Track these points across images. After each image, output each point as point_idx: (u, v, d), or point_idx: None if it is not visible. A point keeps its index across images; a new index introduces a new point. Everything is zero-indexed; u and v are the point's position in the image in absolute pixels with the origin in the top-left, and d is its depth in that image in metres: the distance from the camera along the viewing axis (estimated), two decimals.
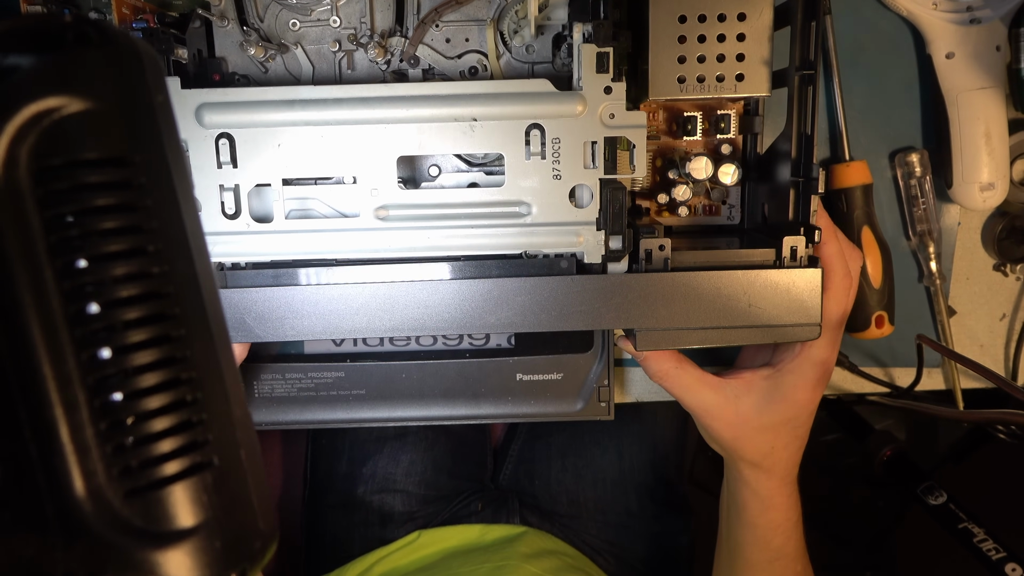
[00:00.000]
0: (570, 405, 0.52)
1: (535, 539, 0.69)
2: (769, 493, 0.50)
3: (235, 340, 0.45)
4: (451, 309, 0.43)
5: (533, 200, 0.42)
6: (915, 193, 0.54)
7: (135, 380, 0.18)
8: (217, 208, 0.42)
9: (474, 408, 0.52)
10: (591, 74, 0.41)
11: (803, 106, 0.42)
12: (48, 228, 0.17)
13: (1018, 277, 0.56)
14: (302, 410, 0.52)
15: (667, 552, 0.75)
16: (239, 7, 0.46)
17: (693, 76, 0.43)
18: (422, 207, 0.43)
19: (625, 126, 0.41)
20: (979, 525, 0.69)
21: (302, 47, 0.47)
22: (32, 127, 0.17)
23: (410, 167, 0.48)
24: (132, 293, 0.18)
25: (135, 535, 0.18)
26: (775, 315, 0.43)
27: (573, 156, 0.42)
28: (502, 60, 0.47)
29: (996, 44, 0.50)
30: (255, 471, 0.20)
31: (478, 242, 0.43)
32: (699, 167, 0.46)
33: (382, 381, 0.52)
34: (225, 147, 0.41)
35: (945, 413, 0.54)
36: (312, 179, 0.44)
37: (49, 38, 0.17)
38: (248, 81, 0.47)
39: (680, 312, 0.43)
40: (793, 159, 0.43)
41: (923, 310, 0.56)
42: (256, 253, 0.43)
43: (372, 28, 0.47)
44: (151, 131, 0.19)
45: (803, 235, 0.43)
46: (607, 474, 0.74)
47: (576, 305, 0.43)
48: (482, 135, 0.42)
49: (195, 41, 0.46)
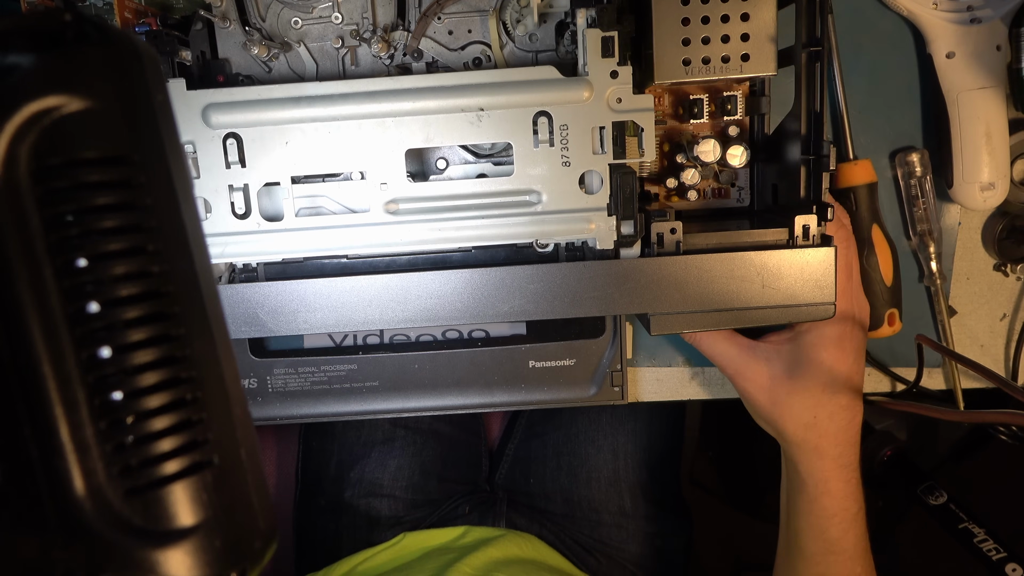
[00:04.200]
0: (583, 390, 0.52)
1: (510, 542, 0.69)
2: (823, 476, 0.48)
3: (249, 335, 0.45)
4: (464, 299, 0.43)
5: (543, 188, 0.42)
6: (915, 193, 0.54)
7: (135, 379, 0.18)
8: (227, 208, 0.42)
9: (487, 396, 0.52)
10: (596, 59, 0.40)
11: (811, 83, 0.42)
12: (48, 227, 0.17)
13: (1018, 277, 0.56)
14: (316, 403, 0.52)
15: (660, 552, 0.75)
16: (240, 7, 0.46)
17: (698, 58, 0.42)
18: (432, 199, 0.43)
19: (633, 110, 0.41)
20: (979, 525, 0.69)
21: (305, 45, 0.47)
22: (32, 126, 0.17)
23: (418, 161, 0.48)
24: (132, 292, 0.18)
25: (135, 534, 0.18)
26: (789, 295, 0.43)
27: (581, 142, 0.41)
28: (505, 50, 0.47)
29: (996, 44, 0.50)
30: (255, 470, 0.20)
31: (489, 232, 0.43)
32: (707, 150, 0.46)
33: (395, 372, 0.52)
34: (233, 147, 0.41)
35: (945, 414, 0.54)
36: (321, 176, 0.44)
37: (49, 37, 0.17)
38: (252, 81, 0.47)
39: (694, 295, 0.43)
40: (803, 136, 0.42)
41: (923, 310, 0.56)
42: (268, 252, 0.43)
43: (374, 23, 0.47)
44: (151, 130, 0.19)
45: (815, 213, 0.42)
46: (602, 473, 0.74)
47: (589, 291, 0.43)
48: (489, 125, 0.42)
49: (198, 43, 0.46)
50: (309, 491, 0.77)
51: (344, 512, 0.74)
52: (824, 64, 0.42)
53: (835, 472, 0.48)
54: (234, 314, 0.43)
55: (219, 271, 0.46)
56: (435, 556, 0.67)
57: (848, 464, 0.48)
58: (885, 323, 0.53)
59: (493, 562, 0.64)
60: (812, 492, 0.49)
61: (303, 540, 0.77)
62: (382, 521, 0.73)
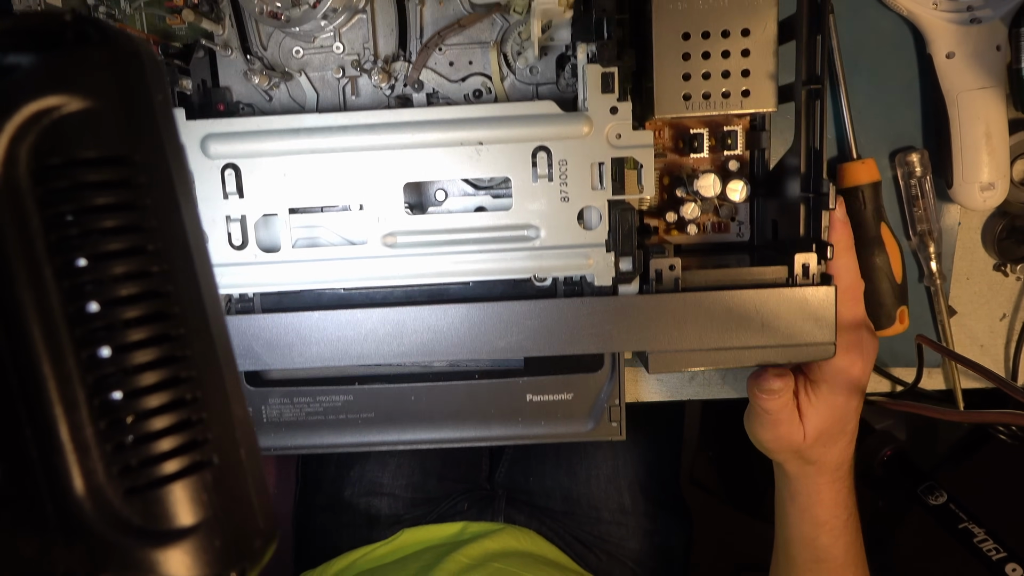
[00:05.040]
0: (581, 425, 0.52)
1: (509, 535, 0.69)
2: (816, 487, 0.48)
3: (244, 368, 0.44)
4: (461, 334, 0.43)
5: (541, 223, 0.42)
6: (915, 193, 0.54)
7: (135, 379, 0.18)
8: (224, 239, 0.42)
9: (484, 430, 0.51)
10: (596, 94, 0.40)
11: (811, 121, 0.42)
12: (48, 227, 0.17)
13: (1018, 277, 0.56)
14: (310, 434, 0.51)
15: (660, 550, 0.75)
16: (242, 36, 0.46)
17: (698, 93, 0.42)
18: (430, 233, 0.43)
19: (632, 146, 0.41)
20: (979, 525, 0.69)
21: (306, 74, 0.47)
22: (32, 126, 0.17)
23: (416, 192, 0.48)
24: (132, 292, 0.18)
25: (135, 534, 0.18)
26: (789, 334, 0.43)
27: (581, 177, 0.41)
28: (506, 82, 0.47)
29: (996, 44, 0.50)
30: (255, 470, 0.20)
31: (487, 267, 0.43)
32: (707, 184, 0.46)
33: (391, 404, 0.51)
34: (231, 177, 0.41)
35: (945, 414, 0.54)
36: (318, 207, 0.44)
37: (49, 37, 0.17)
38: (253, 110, 0.47)
39: (693, 333, 0.43)
40: (802, 175, 0.42)
41: (923, 310, 0.56)
42: (264, 283, 0.43)
43: (376, 53, 0.47)
44: (151, 130, 0.19)
45: (815, 252, 0.42)
46: (601, 471, 0.75)
47: (587, 328, 0.43)
48: (488, 159, 0.42)
49: (199, 71, 0.46)
50: (309, 489, 0.78)
51: (344, 510, 0.74)
52: (824, 102, 0.42)
53: (829, 484, 0.48)
54: None
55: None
56: (433, 549, 0.67)
57: (841, 477, 0.48)
58: (897, 320, 0.53)
59: (490, 553, 0.64)
60: (804, 502, 0.49)
61: (302, 538, 0.77)
62: (382, 519, 0.73)
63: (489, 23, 0.46)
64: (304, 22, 0.42)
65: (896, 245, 0.53)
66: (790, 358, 0.43)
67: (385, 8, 0.46)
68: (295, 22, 0.42)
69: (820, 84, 0.41)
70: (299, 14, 0.42)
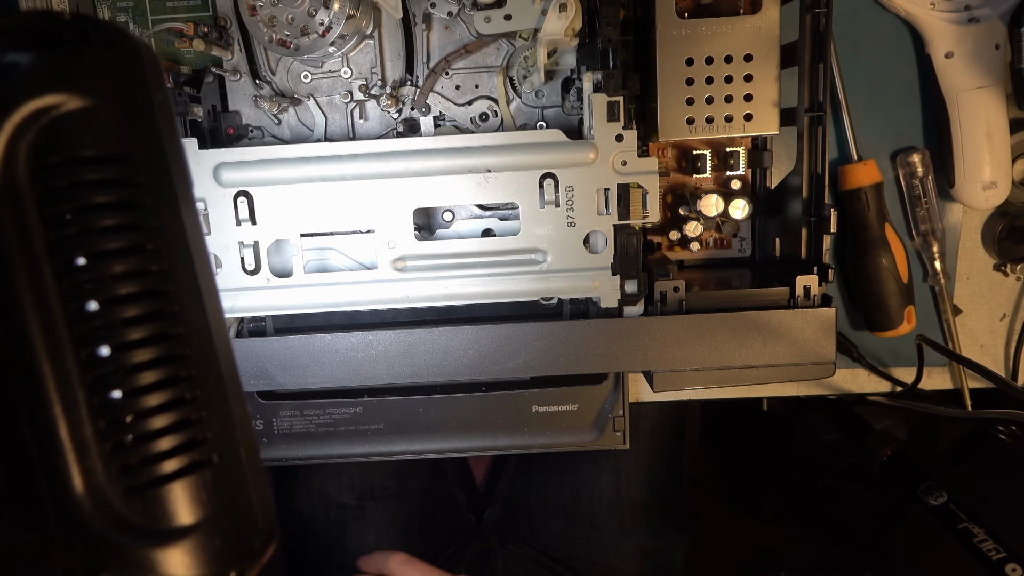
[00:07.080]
0: (586, 435, 0.53)
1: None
2: None
3: (258, 388, 0.45)
4: (469, 354, 0.44)
5: (548, 247, 0.43)
6: (917, 193, 0.54)
7: (134, 378, 0.18)
8: (237, 264, 0.43)
9: (491, 440, 0.53)
10: (602, 123, 0.41)
11: (813, 146, 0.43)
12: (47, 226, 0.17)
13: (1018, 277, 0.56)
14: (321, 445, 0.52)
15: (661, 569, 0.75)
16: (251, 60, 0.47)
17: (702, 117, 0.43)
18: (439, 257, 0.44)
19: (637, 172, 0.42)
20: (979, 525, 0.69)
21: (314, 99, 0.48)
22: (31, 124, 0.17)
23: (425, 213, 0.49)
24: (131, 291, 0.18)
25: (134, 533, 0.17)
26: (789, 354, 0.44)
27: (587, 203, 0.42)
28: (512, 105, 0.47)
29: (995, 43, 0.50)
30: (254, 469, 0.20)
31: (495, 289, 0.44)
32: (709, 204, 0.47)
33: (400, 415, 0.52)
34: (244, 204, 0.42)
35: (945, 413, 0.54)
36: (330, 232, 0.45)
37: (48, 36, 0.17)
38: (262, 133, 0.48)
39: (696, 353, 0.44)
40: (804, 199, 0.43)
41: (928, 309, 0.56)
42: (277, 307, 0.44)
43: (383, 78, 0.47)
44: (150, 129, 0.19)
45: (816, 274, 0.43)
46: (603, 492, 0.74)
47: (593, 348, 0.44)
48: (496, 185, 0.42)
49: (209, 96, 0.47)
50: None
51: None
52: (826, 128, 0.42)
53: None
54: (244, 368, 0.44)
55: (228, 324, 0.47)
56: None
57: None
58: (904, 320, 0.54)
59: None
60: None
61: None
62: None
63: (495, 48, 0.47)
64: (313, 51, 0.43)
65: (901, 245, 0.53)
66: (790, 377, 0.44)
67: (392, 34, 0.47)
68: (304, 50, 0.43)
69: (822, 111, 0.42)
70: (308, 43, 0.42)
